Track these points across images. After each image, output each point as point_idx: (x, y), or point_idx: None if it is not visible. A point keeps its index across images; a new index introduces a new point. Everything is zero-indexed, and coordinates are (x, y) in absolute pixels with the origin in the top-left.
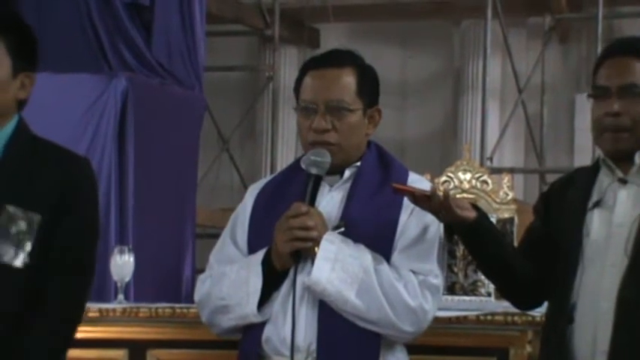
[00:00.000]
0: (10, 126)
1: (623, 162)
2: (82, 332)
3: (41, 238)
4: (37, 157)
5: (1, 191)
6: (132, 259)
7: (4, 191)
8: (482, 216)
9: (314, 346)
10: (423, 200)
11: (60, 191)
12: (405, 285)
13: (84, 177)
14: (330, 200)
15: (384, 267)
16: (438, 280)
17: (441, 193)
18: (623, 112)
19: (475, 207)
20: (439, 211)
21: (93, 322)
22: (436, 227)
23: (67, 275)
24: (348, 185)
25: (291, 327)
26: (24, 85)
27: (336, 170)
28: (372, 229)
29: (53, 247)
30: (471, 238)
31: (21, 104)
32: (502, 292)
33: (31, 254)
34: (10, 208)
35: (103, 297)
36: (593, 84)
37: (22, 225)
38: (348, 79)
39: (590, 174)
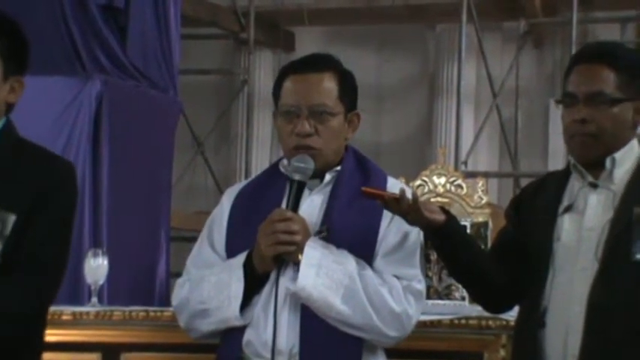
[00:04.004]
0: None
1: (593, 167)
2: (56, 335)
3: (15, 239)
4: (20, 158)
5: None
6: (106, 261)
7: None
8: (452, 219)
9: (296, 350)
10: (393, 203)
11: (36, 192)
12: (389, 290)
13: (61, 179)
14: (311, 204)
15: (369, 272)
16: (421, 285)
17: (410, 196)
18: (589, 119)
19: (445, 211)
20: (408, 213)
21: (66, 325)
22: (417, 232)
23: (29, 275)
24: (328, 189)
25: (273, 330)
26: (14, 89)
27: (317, 174)
28: (353, 234)
29: (21, 246)
30: (440, 241)
31: (9, 107)
32: (472, 296)
33: (2, 254)
34: None
35: (76, 300)
36: (562, 90)
37: None
38: (330, 84)
39: (561, 178)
